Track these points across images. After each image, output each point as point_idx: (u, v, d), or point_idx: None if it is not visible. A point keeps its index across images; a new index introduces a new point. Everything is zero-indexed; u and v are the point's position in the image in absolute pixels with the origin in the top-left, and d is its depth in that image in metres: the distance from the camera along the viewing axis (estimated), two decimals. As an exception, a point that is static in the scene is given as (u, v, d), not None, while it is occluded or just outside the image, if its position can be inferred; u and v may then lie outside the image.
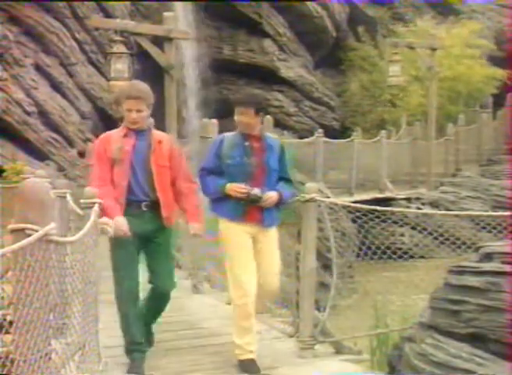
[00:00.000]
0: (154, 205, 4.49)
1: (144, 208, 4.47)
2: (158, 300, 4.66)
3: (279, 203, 4.64)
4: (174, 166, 4.58)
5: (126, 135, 4.50)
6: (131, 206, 4.44)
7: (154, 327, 4.87)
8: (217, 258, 7.56)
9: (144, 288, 4.59)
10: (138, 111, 4.42)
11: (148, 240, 4.53)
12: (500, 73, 23.13)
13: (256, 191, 4.48)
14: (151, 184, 4.47)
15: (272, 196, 4.57)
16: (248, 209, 4.57)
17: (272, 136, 4.83)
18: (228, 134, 4.72)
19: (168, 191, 4.55)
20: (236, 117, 4.62)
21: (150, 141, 4.51)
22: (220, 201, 4.61)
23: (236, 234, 4.59)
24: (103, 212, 4.20)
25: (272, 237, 4.75)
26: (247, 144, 4.61)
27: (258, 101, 4.73)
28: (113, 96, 5.28)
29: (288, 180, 4.77)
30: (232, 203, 4.56)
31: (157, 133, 4.62)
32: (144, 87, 4.50)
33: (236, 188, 4.50)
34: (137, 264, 4.52)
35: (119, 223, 4.27)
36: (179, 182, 4.62)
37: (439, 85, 19.23)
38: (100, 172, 4.47)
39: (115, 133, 4.55)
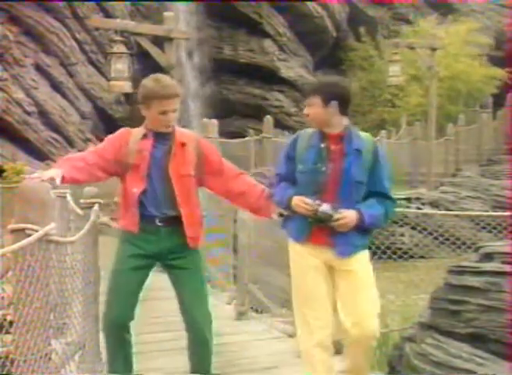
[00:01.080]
0: (173, 220, 3.71)
1: (159, 223, 3.70)
2: (192, 343, 3.83)
3: (360, 227, 3.53)
4: (217, 170, 3.83)
5: (144, 137, 3.73)
6: (143, 221, 3.70)
7: None
8: (218, 262, 7.60)
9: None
10: (175, 111, 3.69)
11: (168, 262, 3.81)
12: (500, 72, 23.13)
13: (325, 207, 3.47)
14: (169, 197, 3.69)
15: (346, 216, 3.47)
16: (315, 229, 3.55)
17: (364, 135, 3.67)
18: (305, 131, 3.73)
19: (194, 205, 3.77)
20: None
21: (171, 144, 3.72)
22: (288, 215, 3.71)
23: (301, 260, 3.62)
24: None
25: (357, 268, 3.59)
26: (322, 145, 3.57)
27: (327, 86, 3.59)
28: (139, 94, 3.82)
29: (384, 197, 3.60)
30: (299, 219, 3.60)
31: (180, 134, 3.78)
32: (173, 81, 3.76)
33: (301, 203, 3.53)
34: (135, 290, 3.79)
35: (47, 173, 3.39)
36: (231, 183, 3.87)
37: (439, 85, 19.25)
38: (92, 150, 3.86)
39: (136, 133, 3.77)
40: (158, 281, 4.28)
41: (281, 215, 3.85)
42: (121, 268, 3.78)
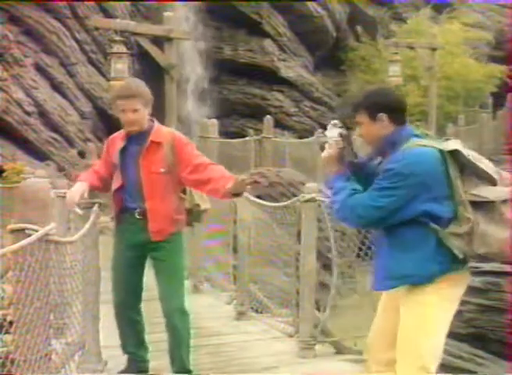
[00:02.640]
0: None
1: (138, 216, 4.01)
2: (166, 327, 4.20)
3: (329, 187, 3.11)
4: (189, 165, 3.96)
5: (123, 138, 4.07)
6: (125, 213, 4.07)
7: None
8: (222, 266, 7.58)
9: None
10: (134, 111, 3.93)
11: (150, 253, 4.12)
12: (499, 69, 23.13)
13: (333, 133, 3.12)
14: (141, 192, 3.99)
15: (330, 156, 3.10)
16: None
17: (402, 150, 2.99)
18: None
19: (162, 201, 3.99)
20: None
21: (144, 143, 3.99)
22: None
23: None
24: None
25: (403, 307, 3.06)
26: (375, 162, 3.18)
27: (368, 97, 3.10)
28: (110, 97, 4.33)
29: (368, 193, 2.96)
30: None
31: (158, 133, 4.03)
32: (136, 84, 4.03)
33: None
34: (128, 277, 4.11)
35: (71, 193, 3.92)
36: (202, 174, 3.94)
37: (436, 84, 19.26)
38: (95, 166, 4.31)
39: (118, 135, 4.14)
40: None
41: (236, 195, 3.89)
42: (113, 255, 4.20)
